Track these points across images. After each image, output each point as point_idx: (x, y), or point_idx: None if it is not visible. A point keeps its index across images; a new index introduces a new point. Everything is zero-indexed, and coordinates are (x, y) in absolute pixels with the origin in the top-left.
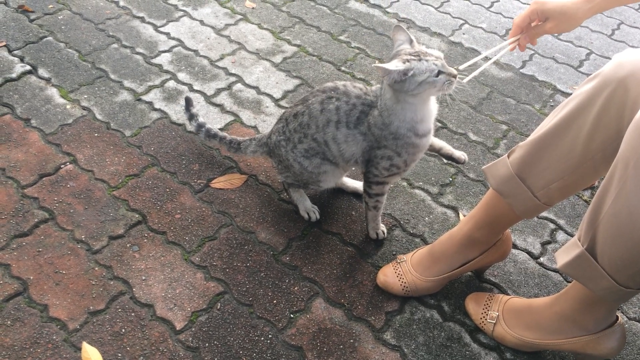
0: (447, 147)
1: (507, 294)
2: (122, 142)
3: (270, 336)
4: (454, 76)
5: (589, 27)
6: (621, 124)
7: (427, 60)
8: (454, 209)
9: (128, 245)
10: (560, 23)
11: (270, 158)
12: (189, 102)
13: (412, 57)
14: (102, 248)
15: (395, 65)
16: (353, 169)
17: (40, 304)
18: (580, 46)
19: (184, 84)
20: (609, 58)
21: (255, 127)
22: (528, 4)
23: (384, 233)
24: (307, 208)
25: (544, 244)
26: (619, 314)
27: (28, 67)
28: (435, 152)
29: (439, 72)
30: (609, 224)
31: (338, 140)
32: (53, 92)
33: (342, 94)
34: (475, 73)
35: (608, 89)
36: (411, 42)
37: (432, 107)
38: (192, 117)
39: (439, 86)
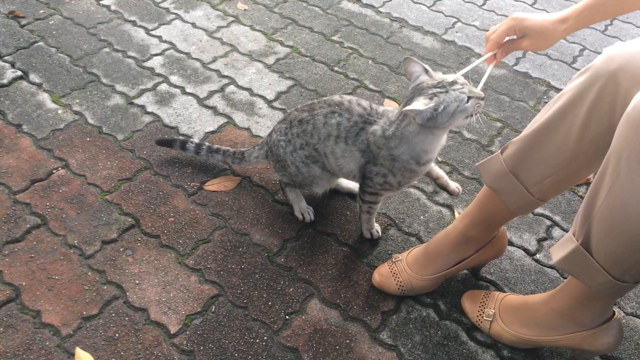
0: (444, 178)
1: (504, 292)
2: (115, 146)
3: (265, 338)
4: (482, 98)
5: None
6: (613, 117)
7: (454, 90)
8: (449, 207)
9: (121, 249)
10: (538, 41)
11: (267, 159)
12: (165, 143)
13: (439, 90)
14: (95, 253)
15: (424, 104)
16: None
17: (33, 310)
18: (574, 42)
19: (176, 86)
20: None
21: (248, 129)
22: (522, 2)
23: (378, 233)
24: (302, 209)
25: (539, 241)
26: (615, 309)
27: (19, 73)
28: (432, 179)
29: (468, 98)
30: (603, 218)
31: (336, 155)
32: (44, 97)
33: (345, 111)
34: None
35: (599, 83)
36: (427, 71)
37: (444, 137)
38: (184, 143)
39: (470, 112)
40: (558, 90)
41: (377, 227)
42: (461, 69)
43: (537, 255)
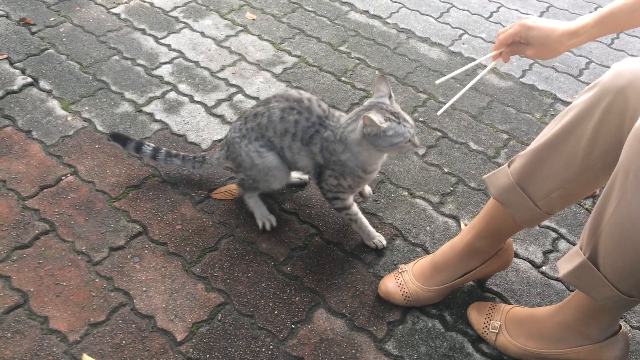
0: None
1: (510, 304)
2: (123, 153)
3: (271, 347)
4: (417, 146)
5: None
6: (621, 133)
7: (404, 126)
8: (455, 219)
9: (129, 256)
10: (541, 52)
11: (228, 159)
12: (119, 139)
13: (393, 118)
14: (102, 259)
15: (380, 120)
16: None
17: (41, 315)
18: (580, 55)
19: (184, 95)
20: (609, 67)
21: None
22: (528, 14)
23: (382, 242)
24: (263, 215)
25: (545, 253)
26: (622, 322)
27: (29, 80)
28: None
29: (409, 140)
30: (611, 232)
31: (293, 150)
32: (54, 104)
33: (304, 109)
34: (465, 89)
35: (607, 98)
36: (390, 97)
37: (385, 156)
38: (139, 146)
39: (404, 151)
40: (564, 102)
41: (380, 237)
42: (468, 77)
43: (543, 268)
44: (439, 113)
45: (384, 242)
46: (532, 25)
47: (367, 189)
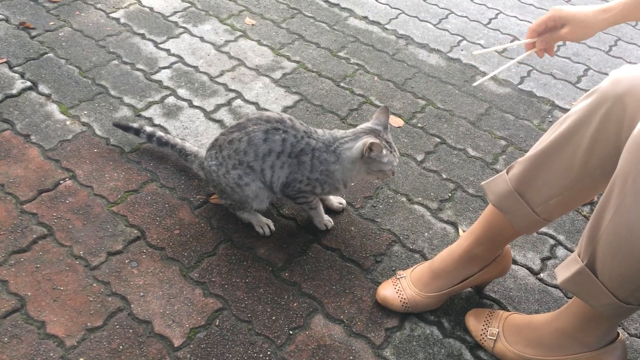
0: (330, 200)
1: (508, 310)
2: (122, 157)
3: (269, 353)
4: (393, 176)
5: (586, 44)
6: (619, 140)
7: (394, 156)
8: (454, 225)
9: (127, 261)
10: (576, 30)
11: (208, 184)
12: (121, 126)
13: (388, 147)
14: (100, 264)
15: (382, 146)
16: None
17: (38, 320)
18: (578, 62)
19: (183, 100)
20: (607, 74)
21: None
22: (526, 21)
23: (330, 222)
24: (261, 222)
25: (543, 260)
26: (620, 330)
27: (28, 83)
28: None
29: (390, 169)
30: (609, 239)
31: (274, 167)
32: (53, 108)
33: (290, 127)
34: (505, 66)
35: (605, 106)
36: (386, 128)
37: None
38: (138, 131)
39: (383, 177)
40: (562, 109)
41: (329, 218)
42: (483, 74)
43: (541, 274)
44: (475, 84)
45: (332, 222)
46: (564, 8)
47: (336, 202)
